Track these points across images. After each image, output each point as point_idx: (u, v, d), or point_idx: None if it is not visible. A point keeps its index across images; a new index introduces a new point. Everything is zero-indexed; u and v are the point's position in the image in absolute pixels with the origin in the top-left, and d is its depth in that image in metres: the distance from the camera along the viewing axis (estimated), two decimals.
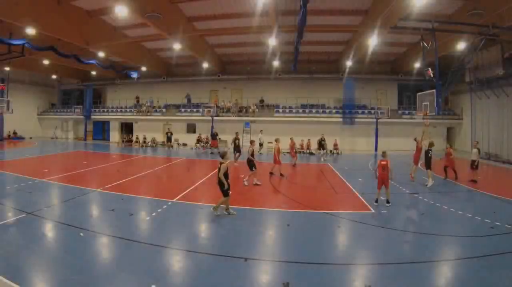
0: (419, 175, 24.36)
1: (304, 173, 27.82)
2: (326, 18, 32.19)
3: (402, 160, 32.55)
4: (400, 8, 25.23)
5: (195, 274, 9.07)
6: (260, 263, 9.84)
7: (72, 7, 30.21)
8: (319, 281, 8.71)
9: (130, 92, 61.04)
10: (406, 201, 17.99)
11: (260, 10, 27.90)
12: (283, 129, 47.27)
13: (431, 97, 28.72)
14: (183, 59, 51.56)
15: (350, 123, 47.42)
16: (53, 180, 20.98)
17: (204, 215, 14.72)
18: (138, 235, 12.02)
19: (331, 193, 19.61)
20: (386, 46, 40.77)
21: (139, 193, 18.36)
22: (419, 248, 11.20)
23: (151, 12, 27.28)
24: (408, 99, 51.30)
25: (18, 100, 54.20)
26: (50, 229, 12.32)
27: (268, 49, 40.28)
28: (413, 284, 8.58)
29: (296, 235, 12.32)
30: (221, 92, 57.41)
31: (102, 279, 8.52)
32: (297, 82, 53.01)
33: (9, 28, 32.71)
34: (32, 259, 9.51)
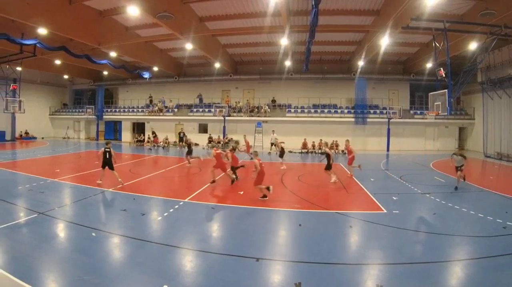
0: (431, 175, 24.23)
1: (315, 172, 27.76)
2: (338, 18, 32.09)
3: (414, 160, 32.44)
4: (412, 8, 25.15)
5: (207, 274, 9.04)
6: (272, 263, 9.79)
7: (84, 7, 30.23)
8: (331, 281, 8.67)
9: (142, 92, 61.42)
10: (418, 201, 17.86)
11: (272, 10, 27.90)
12: (295, 129, 47.63)
13: (443, 97, 28.57)
14: (195, 59, 51.80)
15: (362, 123, 47.35)
16: (65, 180, 21.08)
17: (216, 214, 14.79)
18: (150, 235, 12.02)
19: (343, 193, 19.53)
20: (398, 46, 40.64)
21: (151, 193, 18.34)
22: (431, 248, 11.12)
23: (163, 12, 27.24)
24: (420, 99, 51.19)
25: (30, 100, 54.52)
26: (62, 229, 12.34)
27: (280, 49, 40.44)
28: (425, 284, 8.52)
29: (308, 235, 12.26)
30: (233, 92, 57.45)
31: (114, 279, 8.52)
32: (309, 82, 52.93)
33: (21, 28, 32.79)
34: (44, 259, 9.53)
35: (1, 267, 8.68)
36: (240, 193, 18.84)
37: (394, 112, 45.48)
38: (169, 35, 34.64)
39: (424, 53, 41.88)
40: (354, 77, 48.56)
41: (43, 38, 33.61)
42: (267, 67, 52.41)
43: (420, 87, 49.45)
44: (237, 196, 17.94)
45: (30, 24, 28.76)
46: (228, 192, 18.88)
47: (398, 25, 28.31)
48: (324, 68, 51.75)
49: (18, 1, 25.75)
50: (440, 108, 29.09)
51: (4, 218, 12.85)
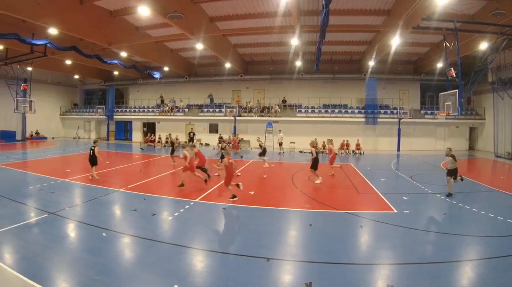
0: (441, 175, 24.18)
1: (326, 172, 27.78)
2: (348, 18, 32.06)
3: (424, 160, 32.36)
4: (422, 8, 25.09)
5: (218, 274, 9.04)
6: (282, 263, 9.78)
7: (95, 7, 30.30)
8: (342, 281, 8.66)
9: (152, 92, 61.57)
10: (428, 201, 17.82)
11: (282, 10, 27.91)
12: (305, 129, 47.65)
13: (453, 97, 28.55)
14: (206, 59, 51.92)
15: (372, 123, 47.30)
16: (76, 180, 21.12)
17: (227, 215, 14.80)
18: (160, 235, 12.03)
19: (353, 193, 19.49)
20: (408, 46, 40.55)
21: (161, 193, 18.37)
22: (441, 248, 11.09)
23: (174, 12, 27.26)
24: (430, 99, 50.92)
25: (40, 100, 54.66)
26: (73, 229, 12.36)
27: (290, 49, 40.33)
28: (436, 284, 8.49)
29: (318, 235, 12.24)
30: (244, 92, 57.55)
31: (125, 279, 8.54)
32: (320, 82, 52.85)
33: (31, 28, 32.93)
34: (54, 259, 9.56)
35: (12, 267, 8.73)
36: (251, 193, 18.81)
37: (405, 112, 45.40)
38: (180, 35, 34.68)
39: (434, 53, 41.72)
40: (364, 77, 48.43)
41: (53, 38, 33.69)
42: (278, 67, 52.40)
43: (430, 87, 49.41)
44: (248, 196, 17.90)
45: (40, 24, 28.86)
46: (238, 192, 18.89)
47: (408, 25, 28.27)
48: (335, 68, 51.66)
49: (29, 1, 25.83)
50: (451, 108, 29.05)
51: (15, 218, 12.91)
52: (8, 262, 9.14)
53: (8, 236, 11.07)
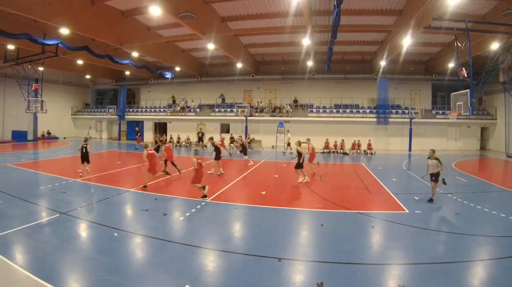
0: (453, 175, 24.08)
1: (337, 173, 27.68)
2: (360, 18, 31.98)
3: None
4: (434, 8, 25.02)
5: (229, 274, 9.02)
6: (294, 263, 9.75)
7: (106, 7, 30.40)
8: (353, 281, 8.63)
9: (164, 92, 61.79)
10: (440, 201, 17.64)
11: (294, 10, 27.90)
12: (317, 129, 47.63)
13: (465, 97, 28.55)
14: (217, 59, 52.04)
15: (384, 123, 47.17)
16: (87, 180, 21.14)
17: (238, 214, 14.79)
18: (172, 235, 12.06)
19: (364, 193, 19.43)
20: (420, 46, 40.47)
21: (172, 193, 18.40)
22: (453, 248, 11.08)
23: (185, 12, 27.28)
24: (442, 99, 50.71)
25: (52, 100, 54.90)
26: (84, 229, 12.38)
27: (302, 49, 40.37)
28: (447, 284, 8.46)
29: (330, 235, 12.23)
30: (255, 92, 57.63)
31: (136, 279, 8.53)
32: (331, 82, 52.82)
33: (43, 28, 33.11)
34: (66, 259, 9.57)
35: (24, 267, 8.75)
36: (262, 193, 18.80)
37: (416, 112, 45.31)
38: (191, 35, 34.73)
39: (446, 53, 41.58)
40: (376, 77, 48.40)
41: (65, 38, 33.86)
42: (289, 67, 52.45)
43: (442, 87, 49.13)
44: (259, 196, 17.90)
45: (52, 24, 28.98)
46: (250, 192, 18.87)
47: (420, 25, 28.21)
48: (346, 68, 51.66)
49: (40, 1, 25.91)
50: (462, 108, 29.05)
51: (27, 218, 12.95)
52: (20, 262, 9.16)
53: (19, 236, 11.11)
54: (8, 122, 52.79)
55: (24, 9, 25.65)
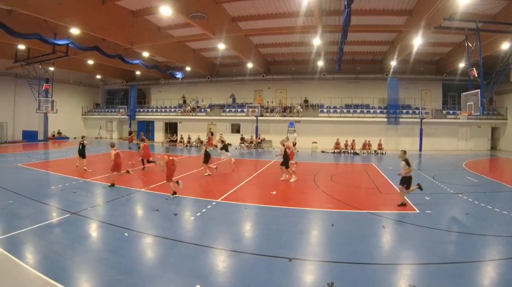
0: (463, 175, 24.03)
1: (348, 173, 27.68)
2: (370, 18, 31.95)
3: (446, 160, 32.19)
4: (444, 8, 24.97)
5: (240, 274, 9.04)
6: (304, 263, 9.74)
7: (117, 7, 30.49)
8: (364, 281, 8.62)
9: (174, 92, 61.86)
10: (450, 201, 17.74)
11: (304, 10, 27.85)
12: (328, 129, 47.73)
13: (475, 97, 28.47)
14: (228, 59, 52.06)
15: (394, 123, 47.09)
16: (98, 180, 21.24)
17: (249, 215, 14.78)
18: (182, 235, 12.10)
19: (375, 193, 19.43)
20: (430, 46, 40.39)
21: (183, 193, 18.36)
22: (463, 248, 11.08)
23: (196, 12, 27.28)
24: (452, 99, 50.64)
25: (62, 100, 55.17)
26: (95, 229, 12.42)
27: (312, 49, 40.33)
28: (458, 284, 8.47)
29: (340, 235, 12.22)
30: (266, 92, 57.54)
31: (147, 279, 8.53)
32: (342, 82, 52.73)
33: (53, 28, 33.21)
34: (76, 259, 9.59)
35: (34, 267, 8.78)
36: (273, 193, 18.81)
37: (427, 112, 45.15)
38: (202, 35, 34.76)
39: (456, 53, 41.44)
40: (386, 77, 48.33)
41: (75, 38, 33.95)
42: (300, 67, 52.39)
43: (452, 87, 49.06)
44: (269, 196, 17.90)
45: (62, 24, 29.05)
46: (261, 192, 18.88)
47: (430, 25, 28.12)
48: (357, 68, 51.60)
49: (51, 1, 26.00)
50: (473, 108, 28.97)
51: (37, 218, 13.02)
52: (30, 262, 9.21)
53: (30, 236, 11.15)
54: (18, 122, 52.94)
55: (35, 9, 25.72)
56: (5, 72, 51.04)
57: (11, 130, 50.70)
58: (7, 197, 16.37)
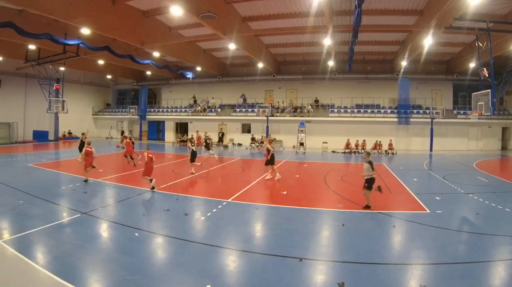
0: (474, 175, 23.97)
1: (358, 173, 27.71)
2: (381, 18, 31.79)
3: (457, 160, 32.11)
4: (455, 8, 24.85)
5: (250, 274, 9.06)
6: (315, 263, 9.76)
7: (127, 7, 30.48)
8: (374, 281, 8.63)
9: (185, 92, 61.91)
10: (461, 201, 17.73)
11: (315, 10, 27.80)
12: (338, 129, 47.64)
13: (486, 97, 28.51)
14: (238, 59, 51.98)
15: (405, 123, 46.95)
16: (108, 180, 21.32)
17: (260, 215, 14.81)
18: (193, 235, 12.09)
19: (385, 193, 19.29)
20: (441, 46, 40.16)
21: (194, 193, 18.48)
22: (474, 248, 11.06)
23: (206, 12, 27.23)
24: (463, 99, 50.34)
25: (73, 100, 55.13)
26: (105, 229, 12.49)
27: (323, 49, 40.20)
28: (468, 284, 8.46)
29: (351, 235, 12.22)
30: (276, 92, 57.51)
31: (157, 278, 8.55)
32: (352, 82, 52.60)
33: (64, 28, 33.33)
34: (87, 259, 9.63)
35: (45, 267, 8.83)
36: (284, 193, 18.83)
37: (437, 113, 44.98)
38: (212, 35, 34.71)
39: (467, 53, 41.25)
40: (397, 77, 48.09)
41: (86, 38, 34.04)
42: (310, 67, 52.21)
43: (463, 87, 48.82)
44: (280, 196, 17.91)
45: (73, 24, 29.09)
46: (271, 192, 18.90)
47: (441, 25, 28.02)
48: (367, 68, 51.42)
49: (62, 1, 26.00)
50: (483, 108, 28.96)
51: (48, 218, 13.09)
52: (41, 262, 9.24)
53: (40, 236, 11.21)
54: (29, 122, 53.06)
55: (45, 9, 25.75)
56: (15, 73, 51.21)
57: (22, 131, 50.79)
58: (18, 197, 16.47)
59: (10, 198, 16.41)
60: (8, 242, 10.51)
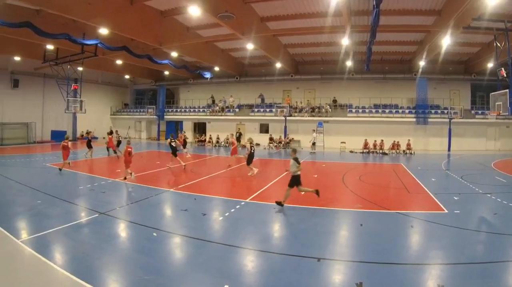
0: (492, 175, 23.81)
1: (377, 172, 27.58)
2: (399, 18, 31.71)
3: (475, 160, 31.93)
4: (473, 8, 24.74)
5: (268, 274, 9.02)
6: (333, 263, 9.74)
7: (145, 7, 30.60)
8: (392, 281, 8.59)
9: (203, 92, 62.16)
10: (479, 201, 17.61)
11: (333, 10, 27.74)
12: (356, 129, 47.74)
13: (504, 97, 28.49)
14: (256, 59, 52.06)
15: (423, 123, 46.77)
16: (126, 180, 21.24)
17: (277, 215, 14.72)
18: (211, 235, 12.06)
19: (403, 193, 19.37)
20: (458, 46, 39.93)
21: (212, 193, 18.43)
22: (492, 248, 10.96)
23: (224, 12, 27.22)
24: (481, 99, 49.96)
25: (91, 100, 55.26)
26: (123, 229, 12.54)
27: (341, 49, 40.16)
28: (487, 284, 8.36)
29: (369, 235, 12.18)
30: (294, 92, 57.54)
31: (175, 279, 8.59)
32: (370, 82, 52.52)
33: (82, 28, 33.59)
34: (105, 259, 9.67)
35: (63, 267, 8.85)
36: (302, 193, 18.82)
37: (456, 113, 44.80)
38: (230, 35, 34.81)
39: (485, 53, 41.02)
40: (415, 77, 48.00)
41: (104, 38, 34.26)
42: (328, 67, 52.11)
43: (481, 87, 48.42)
44: (298, 196, 17.87)
45: (91, 24, 29.33)
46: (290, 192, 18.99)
47: (459, 25, 27.90)
48: (385, 68, 51.25)
49: (80, 1, 26.17)
50: (502, 108, 28.80)
51: (66, 218, 13.13)
52: (59, 262, 9.27)
53: (58, 236, 11.25)
54: (47, 122, 53.51)
55: (64, 9, 25.93)
56: (34, 73, 51.69)
57: (40, 131, 51.14)
58: (36, 197, 16.57)
59: (28, 198, 16.55)
60: (26, 242, 10.56)
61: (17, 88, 49.76)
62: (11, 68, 48.85)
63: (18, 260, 9.48)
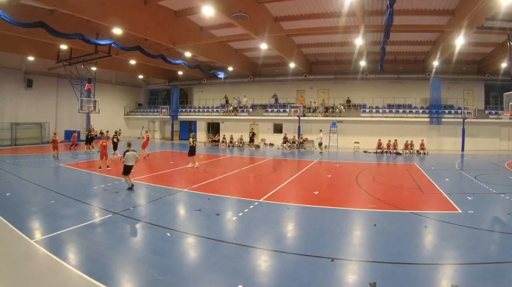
0: (506, 175, 23.68)
1: (390, 172, 27.49)
2: (412, 18, 31.51)
3: (489, 160, 31.79)
4: (486, 8, 24.55)
5: (282, 274, 9.01)
6: (346, 263, 9.72)
7: (159, 7, 30.55)
8: (406, 281, 8.58)
9: (216, 92, 62.03)
10: (492, 201, 17.52)
11: (346, 10, 27.65)
12: (370, 129, 47.59)
13: None
14: (270, 59, 51.94)
15: (437, 123, 46.59)
16: (140, 180, 21.33)
17: (291, 215, 14.77)
18: (224, 235, 12.05)
19: (417, 193, 19.35)
20: (472, 46, 39.64)
21: (225, 193, 18.51)
22: (506, 248, 10.90)
23: (238, 12, 27.17)
24: (495, 99, 49.68)
25: (104, 100, 55.01)
26: (137, 229, 12.57)
27: (354, 49, 40.02)
28: (501, 284, 8.36)
29: (382, 235, 12.14)
30: (308, 92, 57.31)
31: (189, 279, 8.60)
32: (384, 82, 52.23)
33: (95, 28, 33.59)
34: (118, 259, 9.72)
35: (76, 267, 8.88)
36: (315, 193, 18.77)
37: (469, 113, 44.58)
38: (244, 35, 34.67)
39: (499, 53, 40.68)
40: (429, 77, 47.80)
41: (117, 38, 34.26)
42: (342, 67, 51.92)
43: (495, 87, 48.13)
44: (312, 196, 17.85)
45: (105, 24, 29.27)
46: (303, 192, 18.85)
47: (473, 25, 27.72)
48: (399, 68, 51.01)
49: (93, 1, 26.20)
50: None
51: (79, 218, 13.17)
52: (73, 262, 9.32)
53: (72, 236, 11.30)
54: (61, 122, 53.72)
55: (77, 9, 25.95)
56: (47, 73, 51.93)
57: (53, 130, 51.12)
58: (49, 197, 16.68)
59: (42, 198, 16.66)
60: (40, 242, 10.62)
61: (31, 88, 49.98)
62: (25, 68, 49.09)
63: (32, 260, 9.53)
